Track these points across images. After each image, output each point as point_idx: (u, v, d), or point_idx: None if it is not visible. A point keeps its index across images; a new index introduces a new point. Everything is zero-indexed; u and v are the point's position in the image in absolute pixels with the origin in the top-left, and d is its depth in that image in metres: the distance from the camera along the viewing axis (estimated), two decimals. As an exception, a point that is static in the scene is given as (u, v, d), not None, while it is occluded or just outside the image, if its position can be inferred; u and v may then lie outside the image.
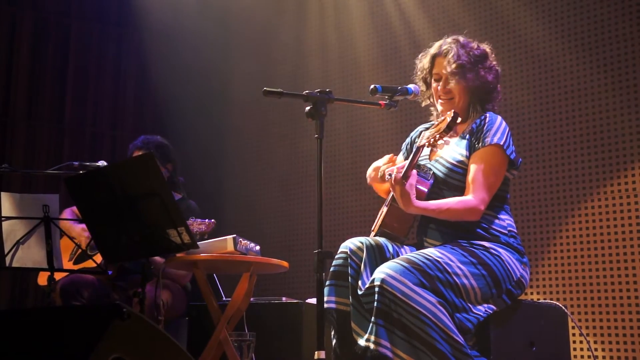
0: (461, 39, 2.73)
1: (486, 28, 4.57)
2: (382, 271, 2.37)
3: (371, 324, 2.36)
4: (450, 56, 2.66)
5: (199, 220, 3.39)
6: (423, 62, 2.79)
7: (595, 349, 3.87)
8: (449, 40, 2.73)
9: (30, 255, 3.15)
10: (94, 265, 3.27)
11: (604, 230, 3.98)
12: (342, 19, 5.40)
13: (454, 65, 2.64)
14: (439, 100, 2.73)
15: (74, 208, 3.87)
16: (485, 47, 2.76)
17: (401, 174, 2.46)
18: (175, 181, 4.03)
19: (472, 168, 2.58)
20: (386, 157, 2.81)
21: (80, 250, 3.70)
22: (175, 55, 5.65)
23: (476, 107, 2.72)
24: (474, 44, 2.73)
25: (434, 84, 2.74)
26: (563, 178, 4.17)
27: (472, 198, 2.53)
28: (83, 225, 3.71)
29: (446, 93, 2.70)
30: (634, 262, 3.86)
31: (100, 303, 3.54)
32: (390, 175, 2.47)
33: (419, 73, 2.82)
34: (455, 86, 2.67)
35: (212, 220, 3.38)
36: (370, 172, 2.88)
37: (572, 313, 3.95)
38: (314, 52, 5.52)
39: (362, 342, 2.39)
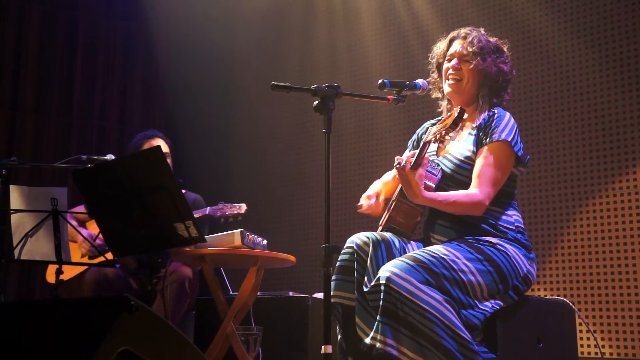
0: (481, 29, 2.76)
1: (495, 24, 4.55)
2: (388, 269, 2.36)
3: (377, 323, 2.36)
4: (471, 38, 2.68)
5: (229, 204, 3.44)
6: (439, 45, 2.79)
7: (603, 346, 3.87)
8: (469, 28, 2.74)
9: (38, 248, 3.16)
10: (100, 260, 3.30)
11: (611, 227, 3.97)
12: (350, 13, 5.39)
13: (475, 47, 2.65)
14: (447, 81, 2.72)
15: (76, 209, 3.89)
16: (503, 44, 2.76)
17: (411, 163, 2.44)
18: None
19: (479, 162, 2.57)
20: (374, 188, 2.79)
21: (88, 256, 3.73)
22: (183, 48, 5.65)
23: (485, 97, 2.70)
24: (494, 38, 2.76)
25: (445, 65, 2.73)
26: (571, 174, 4.16)
27: (478, 192, 2.52)
28: (86, 232, 3.73)
29: (457, 71, 2.68)
30: (642, 259, 3.84)
31: (110, 296, 3.56)
32: (400, 163, 2.46)
33: (434, 60, 2.81)
34: (470, 68, 2.66)
35: (243, 204, 3.44)
36: (362, 202, 2.77)
37: (579, 309, 3.95)
38: (322, 46, 5.51)
39: (367, 340, 2.38)
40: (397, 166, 2.44)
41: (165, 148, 4.01)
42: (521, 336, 2.57)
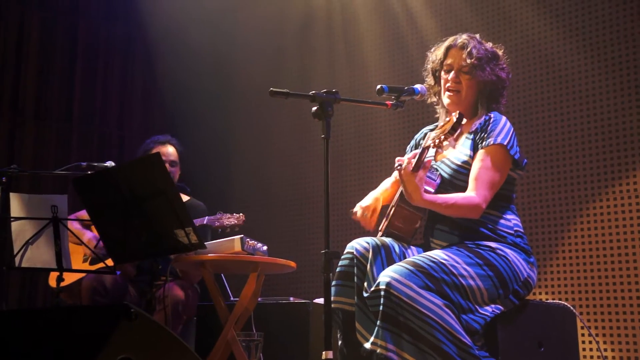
0: (477, 36, 2.75)
1: (493, 28, 4.56)
2: (388, 275, 2.36)
3: (377, 328, 2.36)
4: (469, 49, 2.67)
5: (227, 214, 3.45)
6: (436, 53, 2.78)
7: (605, 349, 3.86)
8: (464, 36, 2.73)
9: (39, 255, 3.16)
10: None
11: (612, 230, 3.97)
12: (348, 19, 5.39)
13: (473, 58, 2.64)
14: (446, 93, 2.72)
15: (79, 214, 3.89)
16: (498, 49, 2.76)
17: (412, 165, 2.44)
18: (183, 183, 4.08)
19: (475, 166, 2.57)
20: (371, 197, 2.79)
21: (91, 257, 3.73)
22: (183, 54, 5.66)
23: (483, 105, 2.71)
24: (489, 44, 2.76)
25: (443, 76, 2.73)
26: (571, 178, 4.16)
27: (475, 195, 2.52)
28: (91, 235, 3.74)
29: (456, 84, 2.69)
30: (643, 262, 3.84)
31: (109, 303, 3.56)
32: (401, 165, 2.45)
33: (429, 65, 2.81)
34: (469, 80, 2.67)
35: (241, 214, 3.45)
36: (358, 209, 2.77)
37: (581, 313, 3.94)
38: (320, 51, 5.52)
39: (367, 345, 2.39)
40: (399, 167, 2.44)
41: (174, 155, 4.01)
42: (522, 341, 2.57)
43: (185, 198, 3.97)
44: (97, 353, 1.60)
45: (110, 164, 3.68)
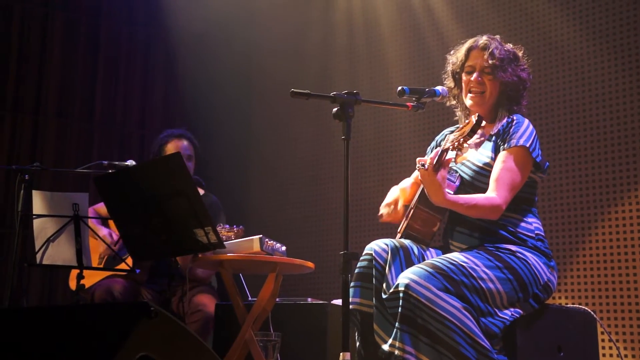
0: (497, 37, 2.74)
1: (515, 30, 4.53)
2: (406, 276, 2.35)
3: (395, 330, 2.36)
4: (491, 50, 2.67)
5: (227, 227, 3.44)
6: (456, 55, 2.78)
7: (625, 355, 3.81)
8: (485, 37, 2.73)
9: (60, 253, 3.19)
10: (122, 267, 3.31)
11: (634, 235, 3.92)
12: (370, 20, 5.39)
13: (495, 59, 2.64)
14: (469, 94, 2.71)
15: (96, 207, 3.92)
16: (518, 50, 2.75)
17: (434, 164, 2.43)
18: (198, 176, 4.10)
19: (496, 167, 2.56)
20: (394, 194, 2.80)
21: (106, 257, 3.74)
22: (203, 54, 5.69)
23: (504, 107, 2.70)
24: (509, 45, 2.75)
25: (465, 77, 2.72)
26: (593, 182, 4.12)
27: (496, 196, 2.51)
28: (107, 231, 3.75)
29: (479, 85, 2.68)
30: (665, 267, 3.79)
31: (128, 302, 3.58)
32: (423, 165, 2.44)
33: (449, 67, 2.80)
34: (492, 81, 2.66)
35: (241, 226, 3.43)
36: (383, 210, 2.80)
37: (602, 318, 3.90)
38: (341, 52, 5.52)
39: (386, 347, 2.38)
40: (421, 167, 2.43)
41: (190, 149, 4.04)
42: (541, 345, 2.55)
43: (200, 192, 3.99)
44: (117, 351, 1.60)
45: (130, 162, 3.71)
